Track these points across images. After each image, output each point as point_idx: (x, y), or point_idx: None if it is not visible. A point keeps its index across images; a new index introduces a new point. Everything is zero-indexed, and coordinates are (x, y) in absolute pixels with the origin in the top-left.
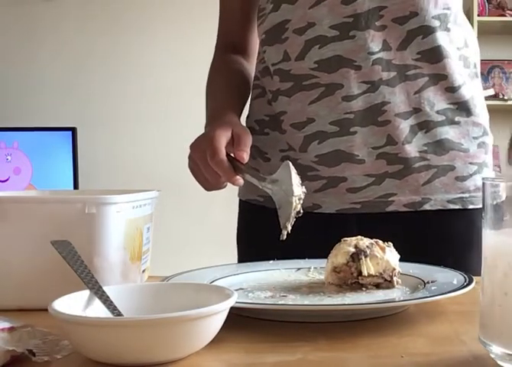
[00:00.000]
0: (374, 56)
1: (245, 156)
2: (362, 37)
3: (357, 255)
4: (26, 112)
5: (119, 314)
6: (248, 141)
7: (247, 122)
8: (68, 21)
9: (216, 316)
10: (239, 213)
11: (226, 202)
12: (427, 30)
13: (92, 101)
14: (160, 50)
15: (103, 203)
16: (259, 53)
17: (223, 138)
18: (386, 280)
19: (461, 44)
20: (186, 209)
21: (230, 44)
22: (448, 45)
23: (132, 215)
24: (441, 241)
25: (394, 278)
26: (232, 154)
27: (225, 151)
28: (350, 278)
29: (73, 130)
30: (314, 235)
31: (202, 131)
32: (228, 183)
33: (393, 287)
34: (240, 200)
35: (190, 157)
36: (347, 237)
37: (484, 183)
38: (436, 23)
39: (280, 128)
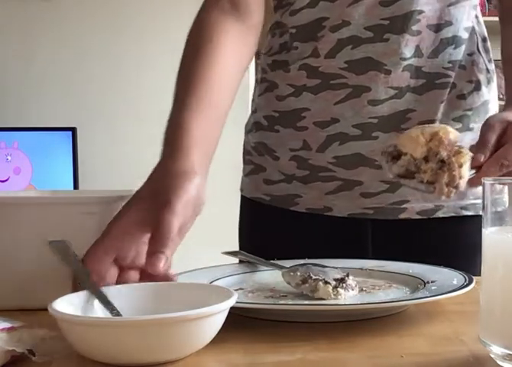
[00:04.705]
0: (405, 62)
1: (161, 264)
2: (396, 41)
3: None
4: (26, 112)
5: (118, 314)
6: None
7: (254, 117)
8: (68, 21)
9: (216, 316)
10: (242, 211)
11: (227, 202)
12: (459, 41)
13: (92, 101)
14: (161, 50)
15: (103, 203)
16: (271, 45)
17: (179, 220)
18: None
19: (478, 51)
20: None
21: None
22: (467, 56)
23: None
24: (455, 246)
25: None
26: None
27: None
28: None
29: (73, 130)
30: (326, 238)
31: None
32: (228, 181)
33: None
34: (243, 197)
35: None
36: (359, 241)
37: (484, 184)
38: (466, 35)
39: (296, 126)
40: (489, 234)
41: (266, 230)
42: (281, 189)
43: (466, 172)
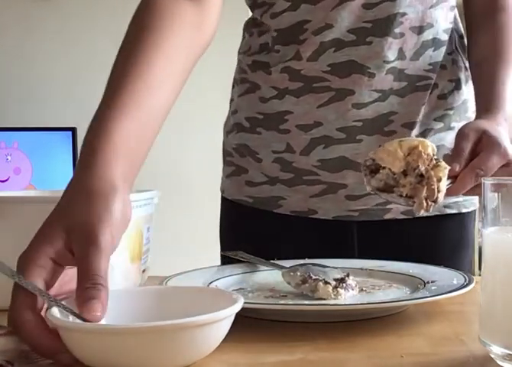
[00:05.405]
0: (389, 65)
1: (98, 312)
2: (379, 44)
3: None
4: (26, 112)
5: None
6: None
7: (234, 118)
8: (68, 21)
9: (222, 322)
10: (223, 213)
11: None
12: (438, 43)
13: (92, 101)
14: None
15: None
16: (249, 45)
17: (108, 257)
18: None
19: (456, 48)
20: (187, 209)
21: None
22: (446, 55)
23: (132, 215)
24: (439, 245)
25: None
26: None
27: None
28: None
29: (73, 130)
30: (311, 240)
31: (201, 131)
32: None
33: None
34: (224, 199)
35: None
36: (344, 242)
37: (484, 184)
38: (445, 36)
39: (279, 128)
40: (489, 234)
41: (248, 232)
42: (264, 191)
43: (444, 185)
